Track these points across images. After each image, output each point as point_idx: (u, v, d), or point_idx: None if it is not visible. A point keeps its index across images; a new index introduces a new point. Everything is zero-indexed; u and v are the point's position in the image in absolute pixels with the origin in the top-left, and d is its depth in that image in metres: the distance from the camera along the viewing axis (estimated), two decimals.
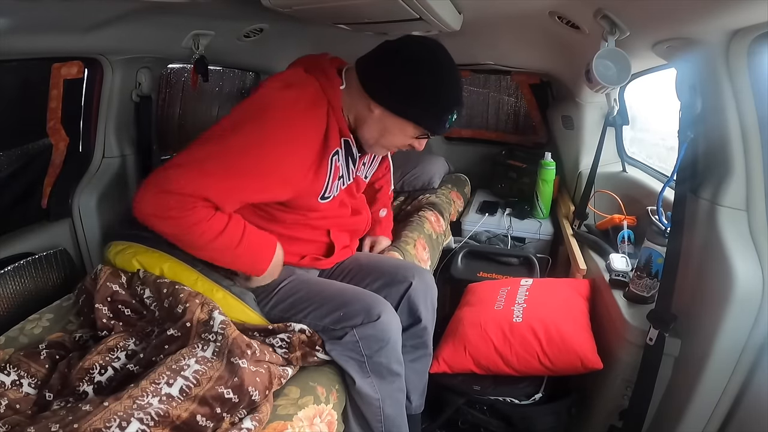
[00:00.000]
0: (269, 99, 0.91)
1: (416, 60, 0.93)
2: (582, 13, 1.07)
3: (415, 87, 0.93)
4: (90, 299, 1.01)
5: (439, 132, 1.01)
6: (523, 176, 2.11)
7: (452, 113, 0.96)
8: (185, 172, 0.84)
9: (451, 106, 0.96)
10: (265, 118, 0.88)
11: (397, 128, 0.99)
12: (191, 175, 0.84)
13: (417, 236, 1.55)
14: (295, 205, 1.01)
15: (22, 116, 1.21)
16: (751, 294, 0.92)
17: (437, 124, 0.98)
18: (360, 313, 0.97)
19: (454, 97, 0.97)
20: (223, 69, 1.96)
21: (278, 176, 0.92)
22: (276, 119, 0.89)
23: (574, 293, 1.38)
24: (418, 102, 0.94)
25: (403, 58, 0.93)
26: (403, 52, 0.94)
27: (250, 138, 0.87)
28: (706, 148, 1.00)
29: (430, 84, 0.93)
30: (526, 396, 1.26)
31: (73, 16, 1.00)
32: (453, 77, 0.96)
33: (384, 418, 1.03)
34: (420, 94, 0.94)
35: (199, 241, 0.88)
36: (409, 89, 0.93)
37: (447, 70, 0.95)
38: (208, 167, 0.85)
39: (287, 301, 1.03)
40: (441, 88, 0.94)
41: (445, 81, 0.94)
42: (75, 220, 1.36)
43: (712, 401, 1.01)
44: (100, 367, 0.87)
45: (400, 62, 0.93)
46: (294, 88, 0.93)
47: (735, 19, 0.81)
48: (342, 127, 0.99)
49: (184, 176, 0.84)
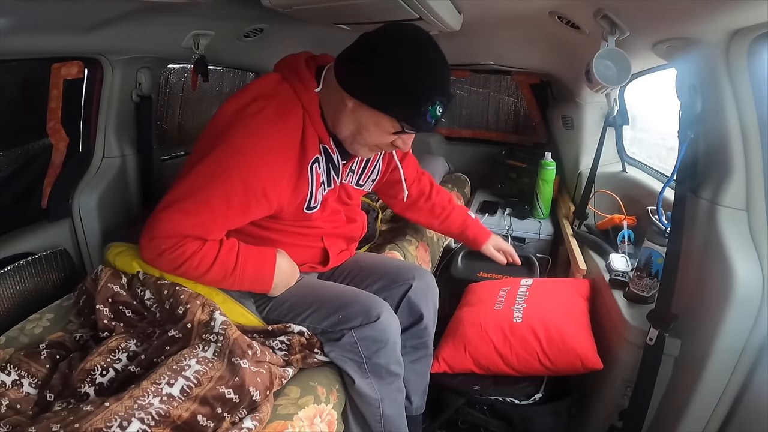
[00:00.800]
0: (229, 119, 0.88)
1: (391, 45, 0.83)
2: (582, 13, 1.07)
3: (388, 73, 0.83)
4: (90, 300, 1.01)
5: (421, 126, 0.87)
6: (523, 176, 2.11)
7: (433, 104, 0.83)
8: (167, 216, 0.88)
9: (431, 94, 0.83)
10: (228, 139, 0.86)
11: (371, 122, 0.89)
12: (172, 217, 0.88)
13: (420, 238, 1.55)
14: (284, 217, 0.99)
15: (22, 116, 1.21)
16: (751, 294, 0.92)
17: (415, 116, 0.85)
18: (358, 315, 0.97)
19: (435, 84, 0.84)
20: (223, 69, 1.96)
21: (254, 196, 0.89)
22: (239, 138, 0.86)
23: (574, 293, 1.38)
24: (392, 90, 0.84)
25: (377, 44, 0.84)
26: (378, 39, 0.85)
27: (216, 166, 0.86)
28: (706, 148, 1.00)
29: (407, 69, 0.82)
30: (526, 396, 1.26)
31: (73, 16, 1.00)
32: (435, 64, 0.85)
33: (383, 418, 1.03)
34: (393, 80, 0.83)
35: (197, 272, 0.92)
36: (382, 76, 0.83)
37: (427, 55, 0.84)
38: (184, 206, 0.87)
39: (285, 304, 1.03)
40: (418, 73, 0.83)
41: (424, 67, 0.83)
42: (75, 220, 1.36)
43: (712, 401, 1.01)
44: (102, 368, 0.87)
45: (374, 48, 0.84)
46: (257, 100, 0.89)
47: (735, 19, 0.81)
48: (321, 133, 0.94)
49: (168, 220, 0.88)
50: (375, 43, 0.85)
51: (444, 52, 0.87)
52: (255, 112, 0.88)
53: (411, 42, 0.84)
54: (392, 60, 0.82)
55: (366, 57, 0.85)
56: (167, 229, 0.88)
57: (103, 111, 1.36)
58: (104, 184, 1.40)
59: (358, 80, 0.87)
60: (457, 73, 2.24)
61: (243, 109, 0.88)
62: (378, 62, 0.83)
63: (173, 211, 0.88)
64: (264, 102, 0.89)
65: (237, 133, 0.86)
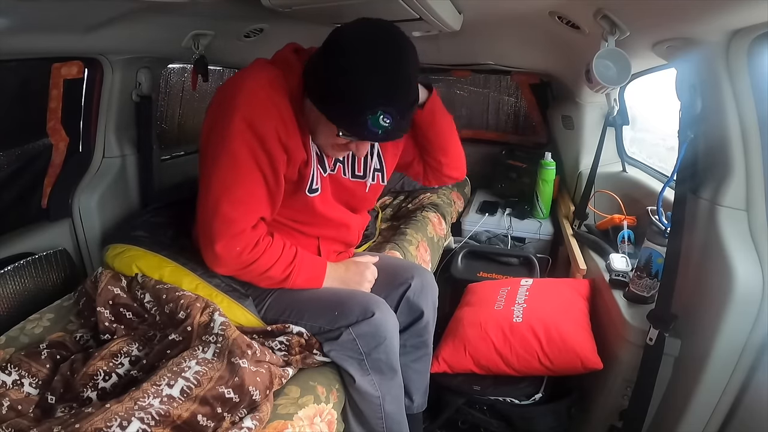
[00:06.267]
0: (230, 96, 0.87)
1: (344, 45, 0.80)
2: (582, 13, 1.07)
3: (332, 75, 0.80)
4: (90, 302, 1.01)
5: (362, 135, 0.84)
6: (523, 176, 2.11)
7: (374, 113, 0.78)
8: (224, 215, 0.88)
9: (373, 104, 0.78)
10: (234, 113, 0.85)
11: (321, 123, 0.88)
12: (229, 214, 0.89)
13: (420, 238, 1.55)
14: (286, 203, 0.98)
15: (22, 116, 1.21)
16: (751, 294, 0.92)
17: (353, 125, 0.81)
18: (355, 312, 0.97)
19: (380, 93, 0.79)
20: (223, 69, 1.97)
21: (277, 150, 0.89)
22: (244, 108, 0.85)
23: (574, 293, 1.38)
24: (333, 94, 0.81)
25: (333, 41, 0.82)
26: (337, 36, 0.82)
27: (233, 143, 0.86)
28: (706, 148, 1.00)
29: (351, 73, 0.78)
30: (526, 396, 1.26)
31: (73, 16, 0.99)
32: (386, 69, 0.79)
33: (384, 415, 1.03)
34: (334, 83, 0.80)
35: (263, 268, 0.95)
36: (324, 78, 0.81)
37: (380, 59, 0.79)
38: (232, 196, 0.88)
39: (282, 304, 1.03)
40: (363, 79, 0.78)
41: (371, 72, 0.78)
42: (75, 220, 1.36)
43: (712, 401, 1.01)
44: (104, 373, 0.87)
45: (328, 45, 0.82)
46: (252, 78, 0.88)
47: (735, 19, 0.81)
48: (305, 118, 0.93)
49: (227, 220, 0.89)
50: (329, 39, 0.83)
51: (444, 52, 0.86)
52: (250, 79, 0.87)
53: (367, 44, 0.80)
54: (340, 61, 0.79)
55: (320, 54, 0.84)
56: (230, 228, 0.89)
57: (103, 111, 1.36)
58: (104, 184, 1.40)
59: (310, 78, 0.86)
60: (457, 73, 2.24)
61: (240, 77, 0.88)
62: (326, 62, 0.81)
63: (225, 208, 0.88)
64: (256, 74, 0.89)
65: (241, 105, 0.85)
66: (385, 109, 0.78)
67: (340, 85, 0.80)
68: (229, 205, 0.88)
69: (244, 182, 0.88)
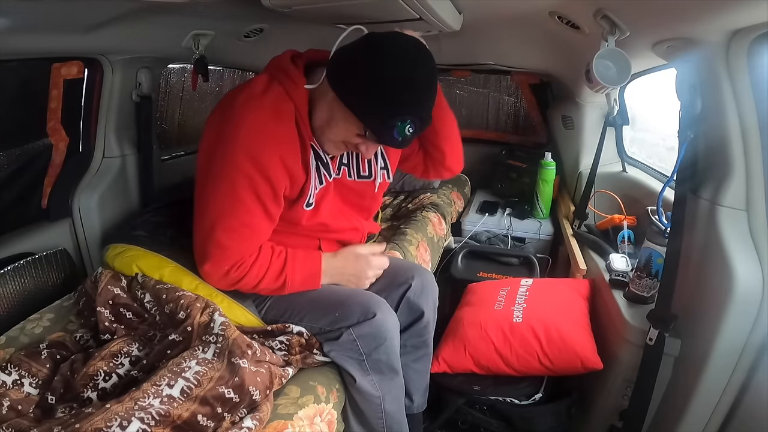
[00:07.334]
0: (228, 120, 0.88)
1: (383, 51, 0.83)
2: (582, 13, 1.07)
3: (370, 77, 0.83)
4: (91, 302, 1.01)
5: (385, 139, 0.87)
6: (523, 176, 2.11)
7: (403, 120, 0.83)
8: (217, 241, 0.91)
9: (404, 111, 0.83)
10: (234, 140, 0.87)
11: (342, 118, 0.89)
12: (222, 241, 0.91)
13: (420, 238, 1.55)
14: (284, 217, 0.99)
15: (22, 116, 1.21)
16: (751, 294, 0.92)
17: (381, 128, 0.85)
18: (355, 312, 0.97)
19: (412, 103, 0.84)
20: (223, 69, 1.97)
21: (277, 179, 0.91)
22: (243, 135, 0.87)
23: (574, 293, 1.38)
24: (368, 94, 0.84)
25: (372, 46, 0.84)
26: (376, 41, 0.85)
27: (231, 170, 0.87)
28: (706, 148, 1.00)
29: (389, 79, 0.82)
30: (526, 396, 1.26)
31: (73, 16, 1.00)
32: (419, 82, 0.85)
33: (385, 415, 1.03)
34: (372, 86, 0.83)
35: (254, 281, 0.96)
36: (364, 78, 0.83)
37: (414, 72, 0.84)
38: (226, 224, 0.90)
39: (282, 305, 1.03)
40: (399, 87, 0.83)
41: (406, 82, 0.83)
42: (75, 220, 1.36)
43: (712, 401, 1.01)
44: (105, 373, 0.87)
45: (368, 49, 0.84)
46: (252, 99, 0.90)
47: (735, 19, 0.81)
48: (307, 132, 0.94)
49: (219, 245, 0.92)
50: (371, 44, 0.85)
51: (444, 52, 0.86)
52: (253, 108, 0.88)
53: (404, 54, 0.84)
54: (378, 66, 0.82)
55: (357, 55, 0.85)
56: (223, 253, 0.92)
57: (103, 111, 1.36)
58: (104, 184, 1.40)
59: (343, 75, 0.87)
60: (457, 73, 2.24)
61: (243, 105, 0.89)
62: (365, 64, 0.83)
63: (219, 234, 0.91)
64: (258, 101, 0.90)
65: (245, 139, 0.87)
66: (412, 119, 0.83)
67: (377, 89, 0.83)
68: (224, 233, 0.91)
69: (240, 214, 0.90)
